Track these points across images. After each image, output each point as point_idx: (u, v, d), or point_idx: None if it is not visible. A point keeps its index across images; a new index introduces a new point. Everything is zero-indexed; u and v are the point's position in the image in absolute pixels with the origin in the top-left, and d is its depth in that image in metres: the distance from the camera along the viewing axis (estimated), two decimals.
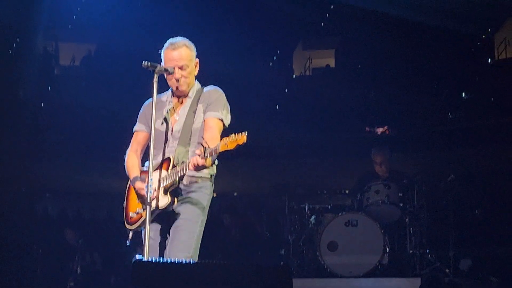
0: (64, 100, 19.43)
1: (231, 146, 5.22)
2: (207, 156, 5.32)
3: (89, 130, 18.74)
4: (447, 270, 10.15)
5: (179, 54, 5.89)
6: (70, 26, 21.30)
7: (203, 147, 5.33)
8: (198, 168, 5.43)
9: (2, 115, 17.70)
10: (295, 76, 24.42)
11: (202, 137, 5.64)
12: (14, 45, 19.95)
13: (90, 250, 14.32)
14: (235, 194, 21.10)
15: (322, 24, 23.11)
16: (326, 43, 25.64)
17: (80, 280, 13.63)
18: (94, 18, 19.97)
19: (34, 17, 19.72)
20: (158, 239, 5.88)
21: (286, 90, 21.83)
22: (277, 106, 21.03)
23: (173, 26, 18.17)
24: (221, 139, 5.35)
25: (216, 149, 5.27)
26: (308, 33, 24.69)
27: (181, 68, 5.87)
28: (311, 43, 25.93)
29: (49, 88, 20.67)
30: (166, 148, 5.93)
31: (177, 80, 5.87)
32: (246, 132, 5.22)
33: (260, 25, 21.70)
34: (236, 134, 5.24)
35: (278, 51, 23.35)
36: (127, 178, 6.22)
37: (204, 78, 6.12)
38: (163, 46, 6.07)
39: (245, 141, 5.21)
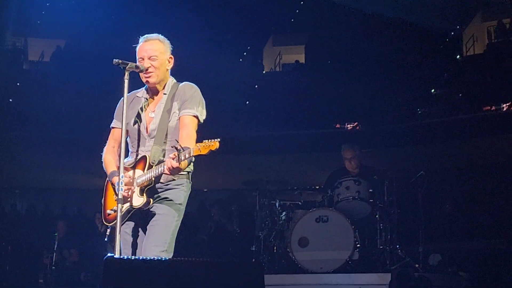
0: (33, 96, 19.31)
1: (204, 151, 5.26)
2: (182, 160, 5.33)
3: (58, 126, 18.65)
4: (417, 265, 10.16)
5: (150, 45, 5.92)
6: (39, 21, 21.19)
7: (177, 150, 5.33)
8: (173, 171, 5.45)
9: None
10: (265, 72, 24.47)
11: (176, 140, 5.63)
12: None
13: (60, 246, 14.22)
14: (205, 190, 21.10)
15: (292, 20, 23.20)
16: (296, 39, 25.71)
17: (50, 277, 13.56)
18: (63, 14, 19.89)
19: (3, 13, 19.61)
20: (134, 235, 5.87)
21: (256, 86, 21.86)
22: (247, 102, 21.05)
23: (143, 22, 18.17)
24: (196, 142, 5.38)
25: (190, 152, 5.29)
26: (278, 29, 24.77)
27: (150, 58, 5.87)
28: (281, 39, 26.00)
29: (18, 83, 20.54)
30: (141, 146, 5.92)
31: (146, 70, 5.86)
32: (219, 139, 5.26)
33: (231, 21, 21.72)
34: (210, 140, 5.27)
35: (248, 47, 23.40)
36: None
37: (174, 74, 6.11)
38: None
39: (218, 147, 5.25)
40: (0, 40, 21.56)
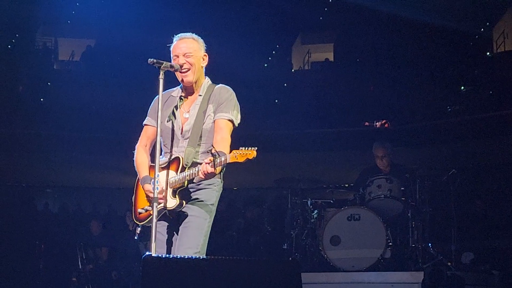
0: (64, 95, 19.43)
1: (240, 159, 5.28)
2: (217, 166, 5.36)
3: (89, 125, 18.76)
4: (449, 264, 10.15)
5: (185, 43, 5.96)
6: (69, 21, 21.33)
7: (213, 155, 5.35)
8: (208, 175, 5.47)
9: (2, 110, 17.77)
10: (294, 71, 24.46)
11: (212, 145, 5.64)
12: (13, 40, 20.03)
13: (93, 245, 14.33)
14: (235, 188, 21.13)
15: (321, 18, 23.15)
16: (325, 37, 25.68)
17: (83, 275, 13.67)
18: (93, 13, 20.00)
19: (33, 13, 19.78)
20: (166, 236, 5.90)
21: (285, 84, 21.86)
22: (276, 100, 21.05)
23: (172, 21, 18.23)
24: (231, 148, 5.43)
25: (227, 159, 5.31)
26: (307, 28, 24.72)
27: (185, 55, 5.90)
28: (310, 38, 25.96)
29: (49, 83, 20.69)
30: (174, 146, 5.93)
31: (181, 67, 5.89)
32: (256, 148, 5.28)
33: (260, 20, 21.73)
34: (247, 148, 5.29)
35: (277, 46, 23.39)
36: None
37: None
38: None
39: (255, 156, 5.28)
40: (31, 41, 21.73)
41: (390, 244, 9.99)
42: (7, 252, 14.68)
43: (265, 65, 22.50)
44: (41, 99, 19.94)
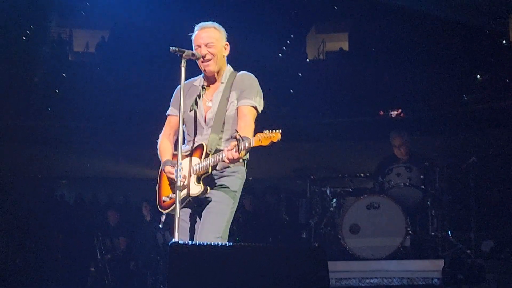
0: (79, 87, 19.45)
1: (265, 143, 5.24)
2: (241, 150, 5.33)
3: (104, 116, 18.78)
4: (469, 252, 10.14)
5: (207, 33, 5.94)
6: (83, 12, 21.31)
7: (237, 140, 5.33)
8: (233, 161, 5.44)
9: (17, 101, 17.81)
10: (309, 60, 24.39)
11: (236, 130, 5.63)
12: (28, 32, 20.04)
13: (110, 236, 14.37)
14: (250, 178, 21.09)
15: (335, 7, 23.06)
16: (339, 27, 25.59)
17: (101, 265, 13.71)
18: (107, 4, 19.95)
19: (48, 4, 19.78)
20: (191, 222, 5.90)
21: (300, 74, 21.81)
22: (291, 90, 21.01)
23: (186, 11, 18.20)
24: (254, 134, 5.40)
25: (250, 143, 5.29)
26: (321, 17, 24.62)
27: (207, 45, 5.89)
28: (324, 27, 25.88)
29: (64, 74, 20.71)
30: (198, 134, 5.93)
31: (203, 57, 5.87)
32: (280, 130, 5.24)
33: (274, 9, 21.65)
34: (271, 131, 5.25)
35: (292, 35, 23.30)
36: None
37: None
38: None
39: (279, 138, 5.23)
40: (46, 32, 21.75)
41: (410, 232, 9.99)
42: (26, 243, 14.76)
43: (280, 55, 22.44)
44: (56, 90, 19.95)
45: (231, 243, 5.20)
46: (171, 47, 5.72)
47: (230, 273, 4.88)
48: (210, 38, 5.92)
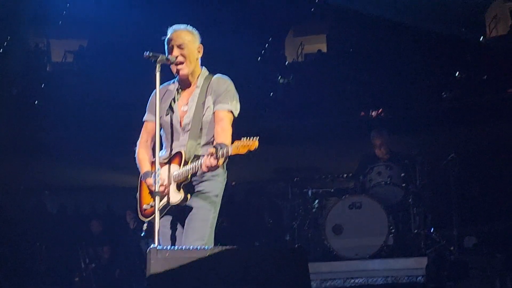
0: (58, 97, 19.35)
1: (242, 151, 5.22)
2: (219, 157, 5.31)
3: (84, 126, 18.69)
4: (452, 248, 10.18)
5: (179, 35, 5.90)
6: (60, 22, 21.24)
7: (215, 148, 5.30)
8: (211, 168, 5.43)
9: None
10: (287, 63, 24.41)
11: (213, 137, 5.63)
12: (5, 43, 19.95)
13: (93, 245, 14.31)
14: (233, 183, 21.05)
15: (312, 9, 23.10)
16: (317, 29, 25.64)
17: (85, 275, 13.65)
18: (84, 13, 19.90)
19: (24, 15, 19.68)
20: (173, 229, 5.87)
21: (279, 77, 21.82)
22: (271, 93, 21.01)
23: (163, 17, 18.15)
24: (232, 142, 5.38)
25: (228, 151, 5.27)
26: (299, 20, 24.67)
27: (179, 46, 5.85)
28: (302, 29, 25.93)
29: (42, 85, 20.61)
30: (175, 140, 5.89)
31: (176, 58, 5.85)
32: (257, 137, 5.22)
33: (251, 13, 21.67)
34: (248, 138, 5.23)
35: (270, 39, 23.32)
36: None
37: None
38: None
39: (257, 146, 5.21)
40: (23, 43, 21.64)
41: (393, 230, 10.02)
42: (9, 254, 14.67)
43: (258, 58, 22.45)
44: (35, 101, 19.85)
45: (209, 247, 5.19)
46: (145, 53, 5.70)
47: (209, 277, 4.88)
48: (181, 39, 5.88)
